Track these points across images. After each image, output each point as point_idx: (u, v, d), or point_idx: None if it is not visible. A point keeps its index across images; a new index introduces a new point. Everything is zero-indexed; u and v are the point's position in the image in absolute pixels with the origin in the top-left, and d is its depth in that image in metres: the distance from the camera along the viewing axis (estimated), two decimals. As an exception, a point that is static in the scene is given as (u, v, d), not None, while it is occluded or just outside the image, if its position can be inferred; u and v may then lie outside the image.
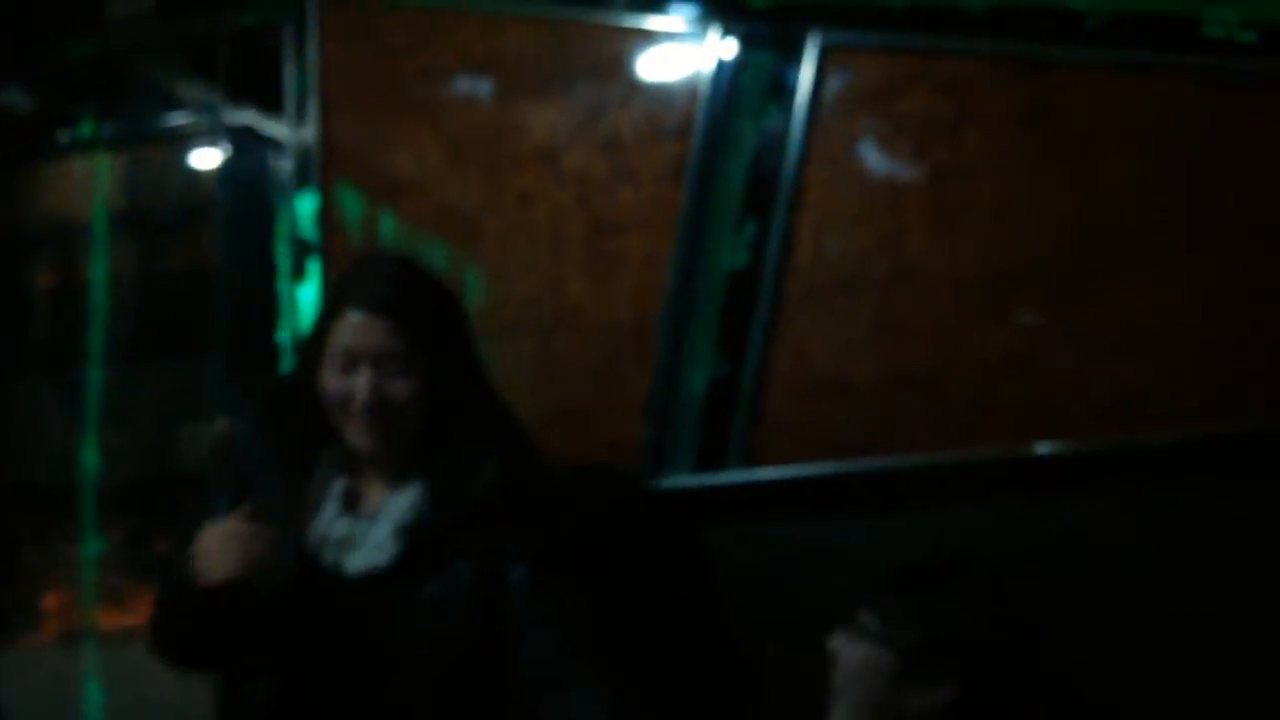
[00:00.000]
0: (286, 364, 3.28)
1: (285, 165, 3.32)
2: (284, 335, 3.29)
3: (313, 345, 2.06)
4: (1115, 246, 2.71)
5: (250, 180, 3.38)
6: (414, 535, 1.98)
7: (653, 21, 3.05)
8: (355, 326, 1.99)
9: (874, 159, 2.90)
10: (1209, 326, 2.67)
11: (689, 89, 3.01)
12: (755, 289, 2.91)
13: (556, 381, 3.01)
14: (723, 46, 3.00)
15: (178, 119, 3.46)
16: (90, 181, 3.56)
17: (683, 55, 3.04)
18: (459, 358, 2.07)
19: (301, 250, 3.30)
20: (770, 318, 2.90)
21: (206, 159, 3.47)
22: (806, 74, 2.93)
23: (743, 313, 2.92)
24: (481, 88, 3.15)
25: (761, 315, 2.90)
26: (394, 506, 2.01)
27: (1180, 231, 2.69)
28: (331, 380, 2.00)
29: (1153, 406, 2.68)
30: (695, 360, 2.93)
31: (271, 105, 3.34)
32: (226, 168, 3.41)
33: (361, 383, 1.97)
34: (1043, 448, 2.73)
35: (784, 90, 2.95)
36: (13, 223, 3.67)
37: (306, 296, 3.27)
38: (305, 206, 3.28)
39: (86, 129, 3.54)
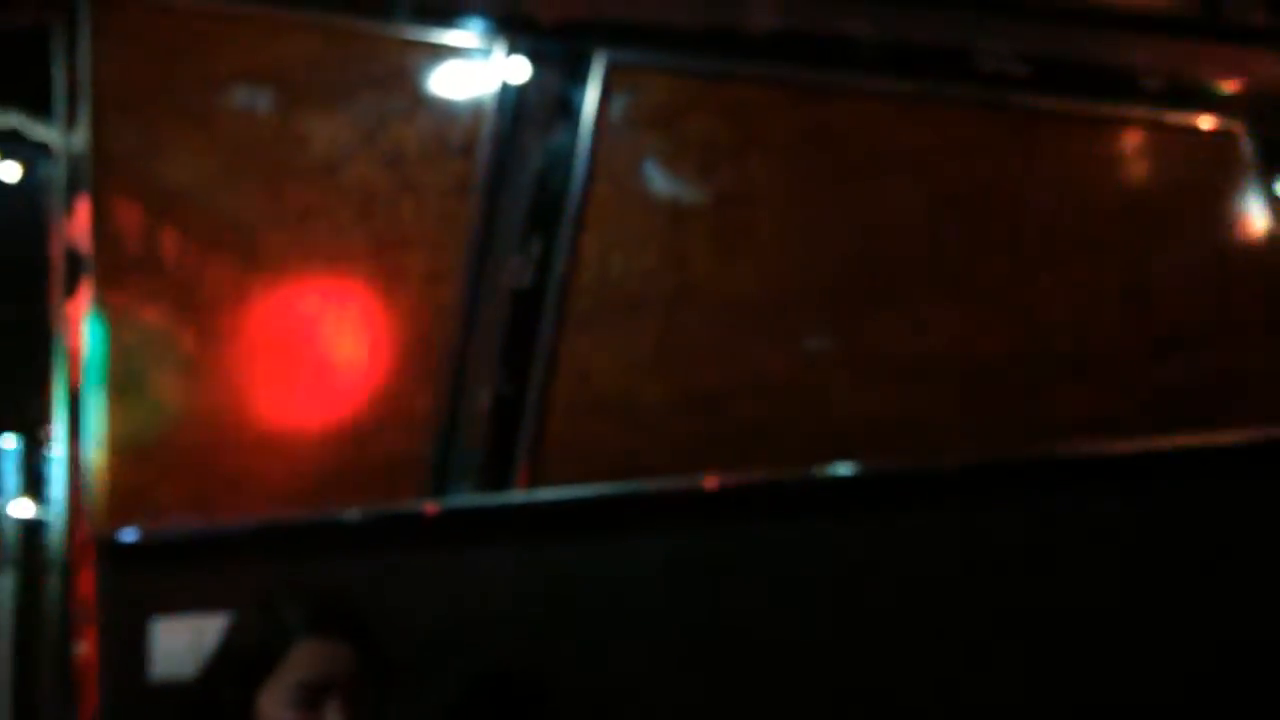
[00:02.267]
0: (57, 381, 3.15)
1: (56, 171, 3.19)
2: (55, 351, 3.16)
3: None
4: (892, 273, 2.76)
5: (20, 186, 3.24)
6: None
7: (440, 35, 3.01)
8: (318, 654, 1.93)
9: (659, 180, 2.90)
10: (983, 353, 2.73)
11: (475, 105, 2.98)
12: (539, 307, 2.89)
13: (339, 398, 2.94)
14: (510, 63, 2.97)
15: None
16: None
17: (470, 71, 2.99)
18: None
19: (74, 261, 3.17)
20: (554, 336, 2.88)
21: (-28, 164, 3.31)
22: (592, 93, 2.92)
23: (526, 331, 2.89)
24: (261, 97, 3.06)
25: (545, 334, 2.88)
26: None
27: (953, 259, 2.74)
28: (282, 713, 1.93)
29: (929, 430, 2.73)
30: (478, 379, 2.89)
31: (41, 109, 3.20)
32: (-9, 174, 3.26)
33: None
34: (824, 470, 2.76)
35: (570, 109, 2.94)
36: None
37: (79, 309, 3.15)
38: (77, 215, 3.15)
39: None
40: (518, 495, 2.84)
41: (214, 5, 3.09)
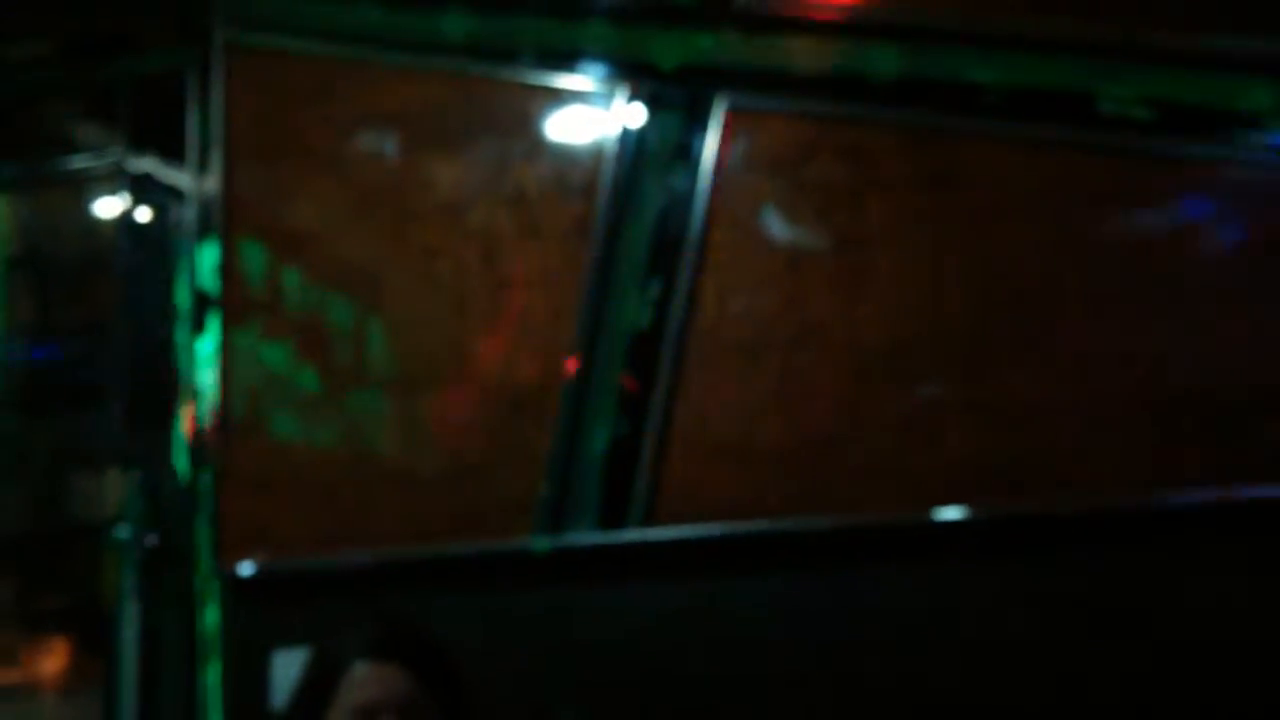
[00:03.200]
0: (182, 416, 3.23)
1: (187, 214, 3.28)
2: (182, 387, 3.24)
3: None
4: (1012, 316, 2.75)
5: (151, 229, 3.33)
6: None
7: (561, 80, 3.06)
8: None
9: (777, 223, 2.92)
10: (1105, 398, 2.71)
11: (595, 148, 3.02)
12: (658, 349, 2.91)
13: (458, 437, 2.98)
14: (630, 107, 3.01)
15: (78, 164, 3.41)
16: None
17: (590, 115, 3.04)
18: None
19: (201, 301, 3.25)
20: (672, 378, 2.90)
21: (108, 206, 3.41)
22: (712, 137, 2.95)
23: (645, 372, 2.91)
24: (387, 141, 3.13)
25: (664, 375, 2.90)
26: None
27: (1075, 304, 2.73)
28: None
29: (1046, 476, 2.71)
30: (597, 419, 2.92)
31: (174, 153, 3.30)
32: (127, 215, 3.36)
33: None
34: (941, 513, 2.75)
35: (689, 152, 2.97)
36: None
37: (205, 348, 3.23)
38: (206, 257, 3.24)
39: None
40: (633, 534, 2.85)
41: (341, 53, 3.17)
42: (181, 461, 3.24)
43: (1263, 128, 2.71)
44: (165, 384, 3.27)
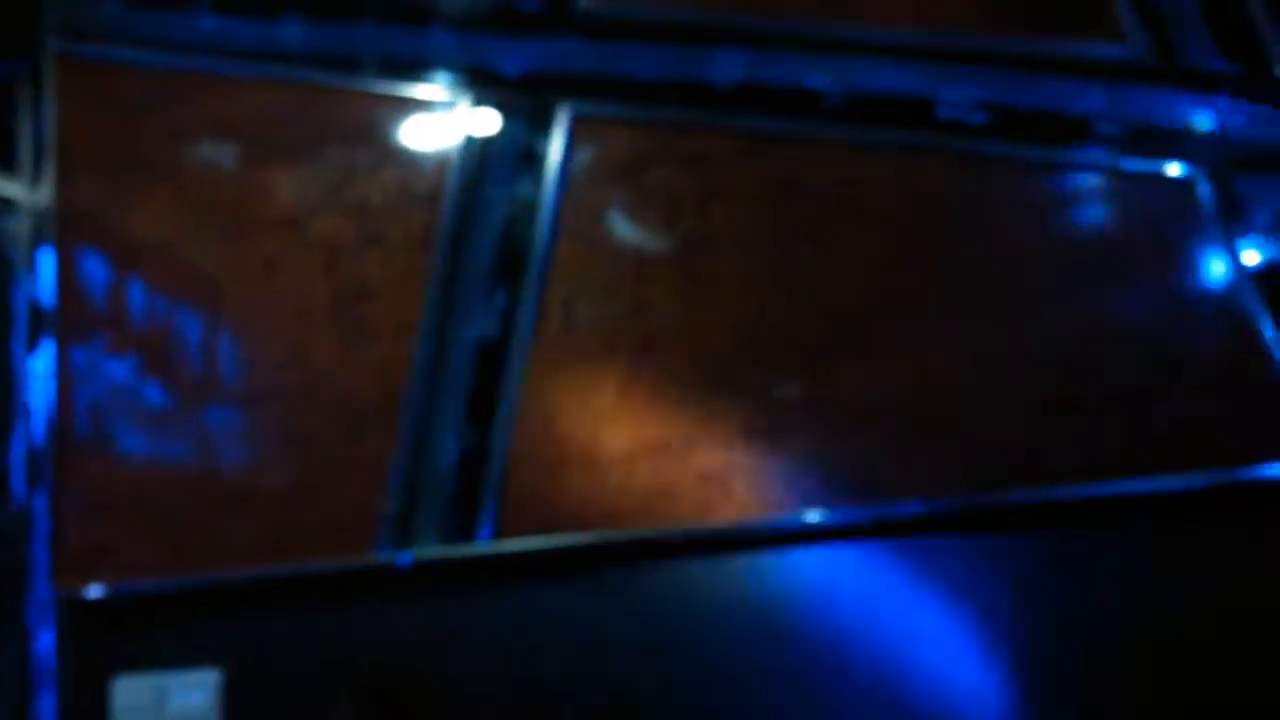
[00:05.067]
0: (19, 436, 3.13)
1: (21, 227, 3.18)
2: (17, 406, 3.14)
3: None
4: (854, 322, 2.77)
5: (-16, 243, 3.23)
6: None
7: (404, 89, 3.02)
8: None
9: (623, 230, 2.91)
10: (941, 397, 2.74)
11: (440, 157, 2.99)
12: (504, 358, 2.88)
13: (302, 452, 2.93)
14: (474, 115, 2.98)
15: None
16: None
17: (434, 123, 3.00)
18: None
19: (37, 316, 3.16)
20: (519, 388, 2.87)
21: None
22: (556, 144, 2.93)
23: (491, 382, 2.88)
24: (226, 151, 3.07)
25: (510, 385, 2.87)
26: None
27: (917, 304, 2.76)
28: None
29: (891, 476, 2.73)
30: (443, 431, 2.88)
31: (6, 165, 3.21)
32: (-43, 229, 3.25)
33: None
34: (786, 518, 2.75)
35: (534, 160, 2.95)
36: None
37: (42, 364, 3.13)
38: (42, 270, 3.15)
39: None
40: (482, 546, 2.82)
41: (176, 63, 3.10)
42: (17, 483, 3.14)
43: (1095, 130, 2.76)
44: (2, 402, 3.16)
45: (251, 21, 3.09)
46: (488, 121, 2.98)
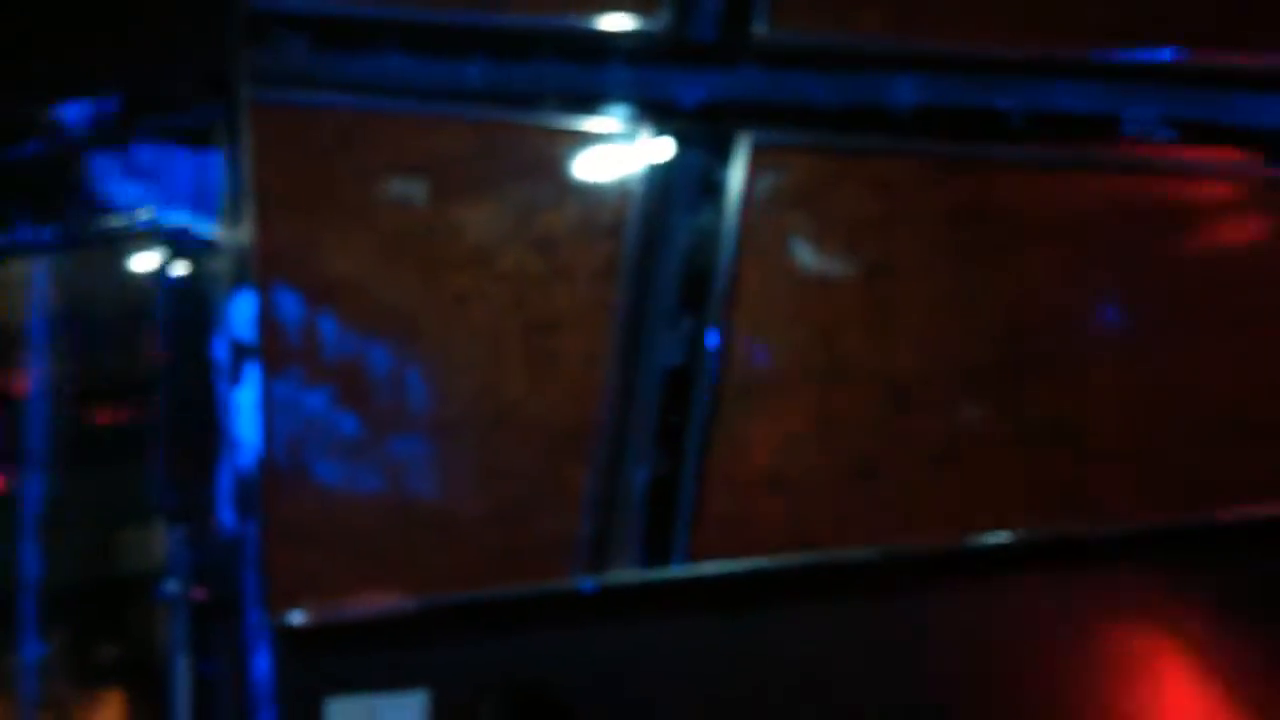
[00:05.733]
0: (226, 468, 3.27)
1: (222, 267, 3.32)
2: (223, 439, 3.28)
3: None
4: (1040, 343, 2.76)
5: (187, 283, 3.38)
6: None
7: (584, 123, 3.08)
8: None
9: (806, 256, 2.94)
10: (1143, 419, 2.72)
11: (621, 189, 3.05)
12: (692, 384, 2.94)
13: (496, 480, 3.01)
14: (654, 147, 3.03)
15: (113, 223, 3.46)
16: (27, 285, 3.54)
17: (614, 155, 3.06)
18: None
19: (239, 352, 3.29)
20: (708, 413, 2.92)
21: (144, 262, 3.46)
22: (737, 172, 2.97)
23: (681, 408, 2.94)
24: (415, 189, 3.16)
25: (699, 411, 2.92)
26: None
27: (1104, 328, 2.74)
28: None
29: (1084, 499, 2.73)
30: (635, 457, 2.95)
31: (206, 207, 3.35)
32: (164, 271, 3.41)
33: None
34: (979, 539, 2.76)
35: (715, 189, 2.99)
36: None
37: (246, 399, 3.27)
38: (242, 308, 3.28)
39: (22, 232, 3.53)
40: (677, 570, 2.88)
41: (364, 104, 3.20)
42: (227, 513, 3.29)
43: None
44: (208, 436, 3.31)
45: (436, 62, 3.18)
46: (667, 152, 3.03)
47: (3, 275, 3.61)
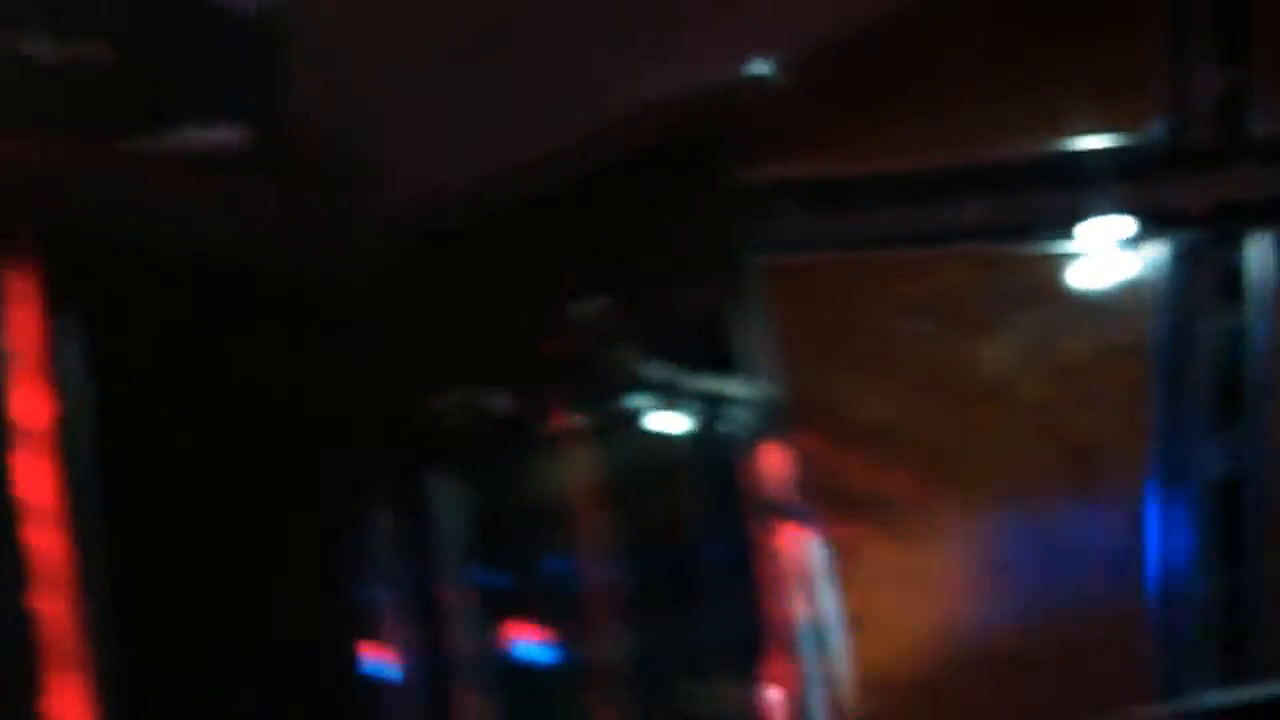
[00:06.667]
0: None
1: (750, 421, 3.51)
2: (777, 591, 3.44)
3: None
4: None
5: (719, 440, 3.59)
6: None
7: (1088, 244, 3.11)
8: None
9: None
10: None
11: (1136, 304, 3.06)
12: (1243, 494, 2.91)
13: (1056, 613, 3.05)
14: (1163, 258, 3.03)
15: (644, 397, 3.71)
16: (573, 463, 3.83)
17: (1123, 272, 3.08)
18: None
19: (772, 504, 3.46)
20: (1262, 523, 2.88)
21: (672, 424, 3.70)
22: (1258, 272, 2.94)
23: (1232, 520, 2.91)
24: (927, 328, 3.26)
25: (1252, 521, 2.89)
26: None
27: None
28: None
29: None
30: (1197, 573, 2.93)
31: (729, 368, 3.54)
32: (696, 431, 3.63)
33: None
34: None
35: (1236, 292, 2.96)
36: (509, 507, 3.98)
37: (782, 544, 3.42)
38: (774, 458, 3.45)
39: (563, 418, 3.83)
40: (1259, 691, 2.84)
41: (866, 255, 3.33)
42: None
43: None
44: (748, 585, 3.47)
45: (929, 206, 3.29)
46: (1177, 261, 3.03)
47: (555, 454, 3.91)
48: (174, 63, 2.91)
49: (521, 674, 3.93)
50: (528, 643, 3.90)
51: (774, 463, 3.45)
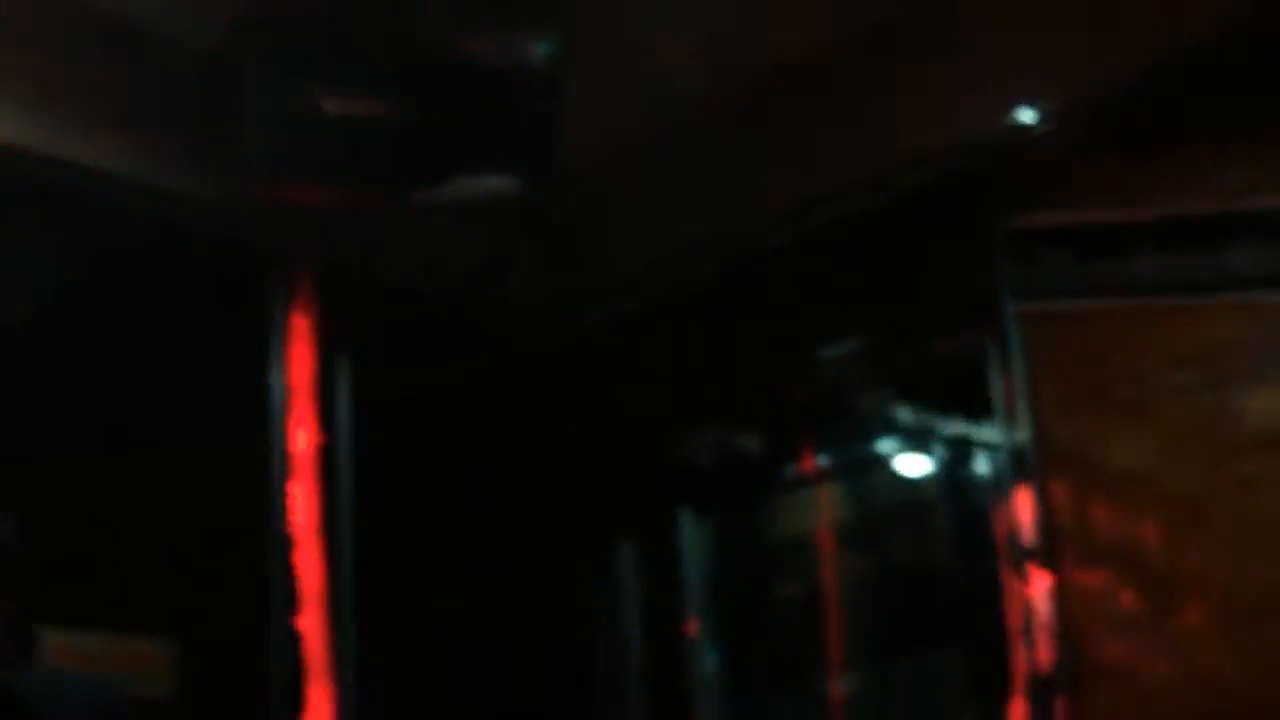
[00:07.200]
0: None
1: (1000, 468, 3.51)
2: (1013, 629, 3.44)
3: None
4: None
5: (966, 484, 3.60)
6: None
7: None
8: None
9: None
10: None
11: None
12: None
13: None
14: None
15: (892, 442, 3.75)
16: (819, 505, 3.90)
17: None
18: None
19: (1019, 549, 3.45)
20: None
21: (923, 466, 3.73)
22: None
23: None
24: (1189, 379, 3.22)
25: None
26: None
27: None
28: None
29: None
30: None
31: (980, 413, 3.55)
32: (943, 474, 3.65)
33: None
34: None
35: None
36: (754, 549, 4.07)
37: (1033, 589, 3.41)
38: (1026, 505, 3.44)
39: (810, 462, 3.89)
40: None
41: (1127, 303, 3.31)
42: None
43: None
44: (997, 628, 3.47)
45: (1193, 254, 3.25)
46: None
47: (799, 498, 3.97)
48: (457, 118, 3.07)
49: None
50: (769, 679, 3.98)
51: (1024, 508, 3.45)
